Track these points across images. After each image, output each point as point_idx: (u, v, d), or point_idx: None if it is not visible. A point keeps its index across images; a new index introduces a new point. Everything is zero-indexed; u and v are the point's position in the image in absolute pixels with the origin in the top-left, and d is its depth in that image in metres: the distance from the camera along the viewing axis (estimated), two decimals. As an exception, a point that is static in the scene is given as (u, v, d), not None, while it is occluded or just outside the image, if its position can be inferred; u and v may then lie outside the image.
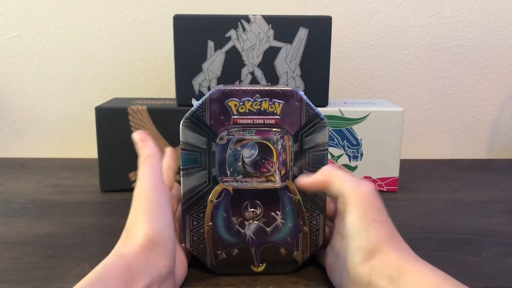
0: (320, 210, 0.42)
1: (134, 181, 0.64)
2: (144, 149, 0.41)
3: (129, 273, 0.33)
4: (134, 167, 0.46)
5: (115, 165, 0.64)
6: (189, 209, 0.41)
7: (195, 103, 0.54)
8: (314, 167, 0.41)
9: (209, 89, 0.63)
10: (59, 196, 0.63)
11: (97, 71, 0.83)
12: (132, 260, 0.34)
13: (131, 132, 0.64)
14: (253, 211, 0.41)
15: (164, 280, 0.36)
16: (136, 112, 0.63)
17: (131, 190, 0.39)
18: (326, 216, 0.42)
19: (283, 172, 0.41)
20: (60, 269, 0.43)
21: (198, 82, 0.63)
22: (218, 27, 0.62)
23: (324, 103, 0.65)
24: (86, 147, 0.86)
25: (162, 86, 0.84)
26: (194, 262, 0.43)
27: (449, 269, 0.43)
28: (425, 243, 0.49)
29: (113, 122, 0.64)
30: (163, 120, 0.64)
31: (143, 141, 0.41)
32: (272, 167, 0.41)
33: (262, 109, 0.40)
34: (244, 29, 0.62)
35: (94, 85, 0.84)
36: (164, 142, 0.64)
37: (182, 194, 0.41)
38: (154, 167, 0.39)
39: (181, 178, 0.40)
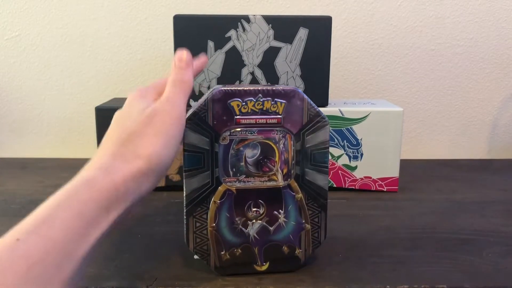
0: (321, 207, 0.42)
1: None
2: (186, 73, 0.38)
3: (113, 196, 0.31)
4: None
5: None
6: (192, 210, 0.41)
7: (193, 103, 0.55)
8: (315, 165, 0.41)
9: (208, 89, 0.63)
10: (60, 196, 0.63)
11: (97, 71, 0.83)
12: (121, 183, 0.31)
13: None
14: (256, 211, 0.41)
15: (139, 201, 0.34)
16: (136, 112, 0.63)
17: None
18: None
19: (285, 171, 0.41)
20: (61, 269, 0.43)
21: (198, 82, 0.63)
22: (218, 27, 0.62)
23: (324, 103, 0.65)
24: (86, 147, 0.86)
25: (162, 86, 0.84)
26: (198, 263, 0.43)
27: (449, 269, 0.43)
28: (425, 243, 0.49)
29: (113, 122, 0.63)
30: (164, 120, 0.64)
31: (188, 65, 0.38)
32: (274, 166, 0.41)
33: (264, 108, 0.40)
34: (244, 29, 0.62)
35: (94, 85, 0.84)
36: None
37: (185, 195, 0.40)
38: (186, 95, 0.37)
39: (184, 180, 0.40)
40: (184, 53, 0.39)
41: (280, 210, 0.42)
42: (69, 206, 0.29)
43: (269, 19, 0.62)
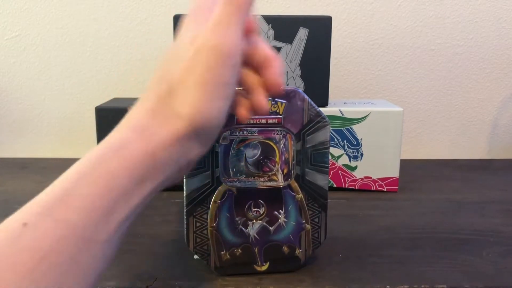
0: (321, 207, 0.42)
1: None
2: None
3: (149, 165, 0.24)
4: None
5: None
6: (193, 210, 0.41)
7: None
8: (316, 166, 0.41)
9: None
10: (60, 196, 0.63)
11: (97, 71, 0.83)
12: (160, 149, 0.25)
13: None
14: (256, 211, 0.41)
15: (188, 166, 0.28)
16: (136, 112, 0.63)
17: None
18: None
19: (285, 171, 0.41)
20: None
21: (198, 82, 0.63)
22: (219, 27, 0.61)
23: (324, 103, 0.65)
24: (86, 147, 0.85)
25: (162, 86, 0.84)
26: (198, 263, 0.43)
27: (449, 269, 0.44)
28: (425, 243, 0.49)
29: (113, 122, 0.63)
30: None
31: None
32: (274, 166, 0.41)
33: None
34: (244, 29, 0.62)
35: (94, 85, 0.84)
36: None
37: (185, 195, 0.41)
38: (244, 18, 0.26)
39: (184, 180, 0.40)
40: None
41: (280, 210, 0.42)
42: (94, 179, 0.24)
43: (269, 19, 0.62)
